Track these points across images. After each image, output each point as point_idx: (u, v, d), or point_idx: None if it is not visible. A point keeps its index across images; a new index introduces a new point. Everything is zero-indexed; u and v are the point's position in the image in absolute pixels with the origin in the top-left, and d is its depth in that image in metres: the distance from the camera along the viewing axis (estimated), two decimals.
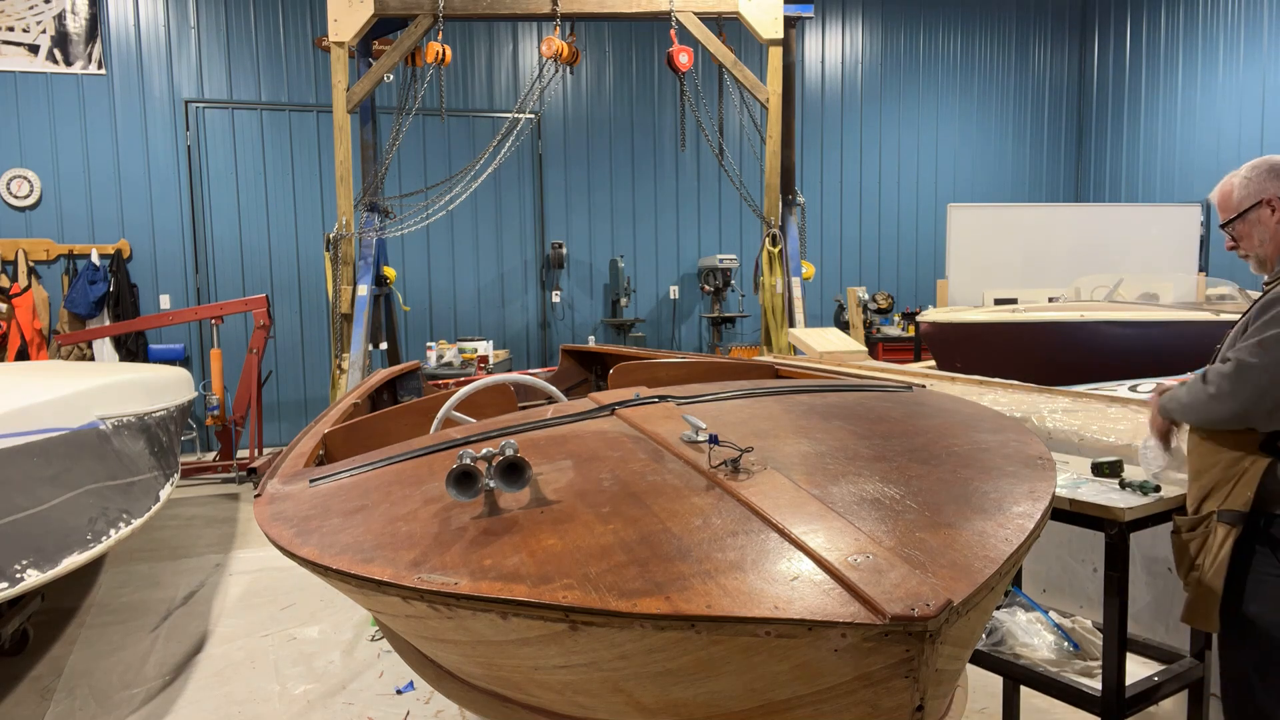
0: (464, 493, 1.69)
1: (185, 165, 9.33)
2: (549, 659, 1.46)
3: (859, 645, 1.18)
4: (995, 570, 1.33)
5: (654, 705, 1.41)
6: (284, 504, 2.14)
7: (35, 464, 3.46)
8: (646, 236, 10.91)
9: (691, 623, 1.24)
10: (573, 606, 1.31)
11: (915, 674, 1.19)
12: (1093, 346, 6.89)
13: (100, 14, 9.01)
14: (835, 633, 1.18)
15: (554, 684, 1.54)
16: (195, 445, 9.23)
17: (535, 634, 1.40)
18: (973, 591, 1.26)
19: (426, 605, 1.50)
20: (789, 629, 1.20)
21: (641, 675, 1.37)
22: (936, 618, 1.17)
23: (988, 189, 12.05)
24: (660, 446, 1.97)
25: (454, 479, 1.68)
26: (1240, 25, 10.06)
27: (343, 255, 7.18)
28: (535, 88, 7.61)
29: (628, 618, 1.28)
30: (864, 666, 1.20)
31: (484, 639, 1.53)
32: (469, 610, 1.43)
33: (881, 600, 1.20)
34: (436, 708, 3.52)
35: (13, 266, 8.83)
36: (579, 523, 1.60)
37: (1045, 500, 1.66)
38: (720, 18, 7.67)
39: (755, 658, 1.25)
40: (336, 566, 1.64)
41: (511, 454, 1.72)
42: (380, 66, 7.24)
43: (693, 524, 1.52)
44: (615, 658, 1.35)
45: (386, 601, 1.63)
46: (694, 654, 1.28)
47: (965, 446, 2.03)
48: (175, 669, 3.96)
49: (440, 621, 1.55)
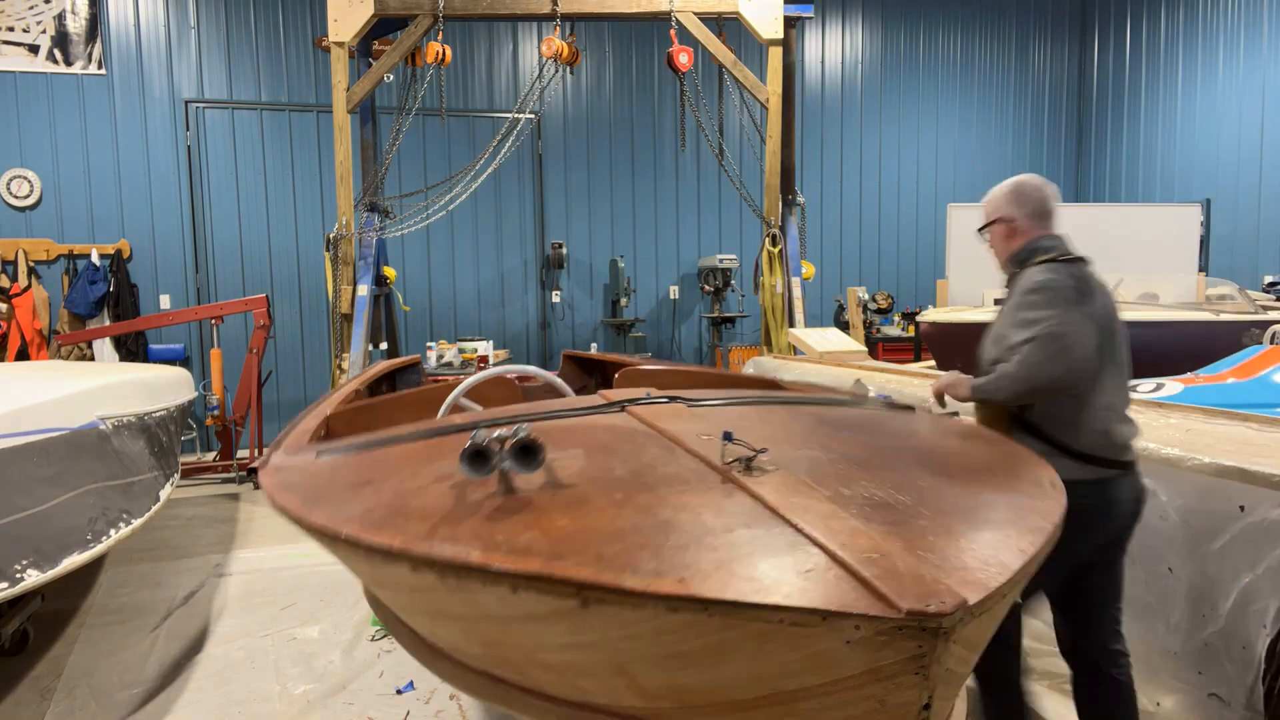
0: (477, 471, 1.66)
1: (185, 165, 9.33)
2: (554, 637, 1.44)
3: (872, 638, 1.18)
4: (1009, 578, 1.33)
5: (656, 690, 1.40)
6: (291, 474, 2.10)
7: (35, 464, 3.46)
8: (646, 236, 10.91)
9: (705, 606, 1.23)
10: (586, 582, 1.29)
11: (926, 671, 1.19)
12: None
13: (100, 14, 9.01)
14: (849, 624, 1.18)
15: (555, 664, 1.52)
16: (195, 445, 9.23)
17: (544, 609, 1.38)
18: (986, 595, 1.25)
19: (436, 576, 1.47)
20: (803, 618, 1.19)
21: (648, 658, 1.35)
22: (951, 615, 1.17)
23: (988, 189, 11.96)
24: (672, 442, 1.95)
25: (468, 457, 1.65)
26: (1240, 25, 10.06)
27: (343, 255, 7.18)
28: (535, 88, 7.61)
29: (641, 597, 1.26)
30: (875, 660, 1.19)
31: (489, 614, 1.50)
32: (480, 582, 1.41)
33: (896, 595, 1.19)
34: (436, 708, 3.52)
35: (13, 266, 8.83)
36: (592, 506, 1.58)
37: (1056, 519, 1.65)
38: (720, 18, 7.67)
39: (767, 645, 1.23)
40: (347, 532, 1.61)
41: (525, 436, 1.70)
42: (380, 66, 7.24)
43: (706, 515, 1.51)
44: (623, 638, 1.34)
45: (393, 572, 1.60)
46: (705, 638, 1.26)
47: (977, 464, 2.03)
48: (175, 669, 3.96)
49: (446, 595, 1.52)
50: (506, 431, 1.76)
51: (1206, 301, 8.08)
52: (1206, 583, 2.83)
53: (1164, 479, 2.95)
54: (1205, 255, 10.31)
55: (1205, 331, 6.96)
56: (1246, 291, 7.90)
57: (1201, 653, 2.84)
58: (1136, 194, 11.41)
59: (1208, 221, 10.23)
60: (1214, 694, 2.79)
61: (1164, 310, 7.39)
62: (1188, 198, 10.56)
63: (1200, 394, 4.43)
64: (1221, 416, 3.39)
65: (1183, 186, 10.77)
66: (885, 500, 1.62)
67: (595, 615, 1.32)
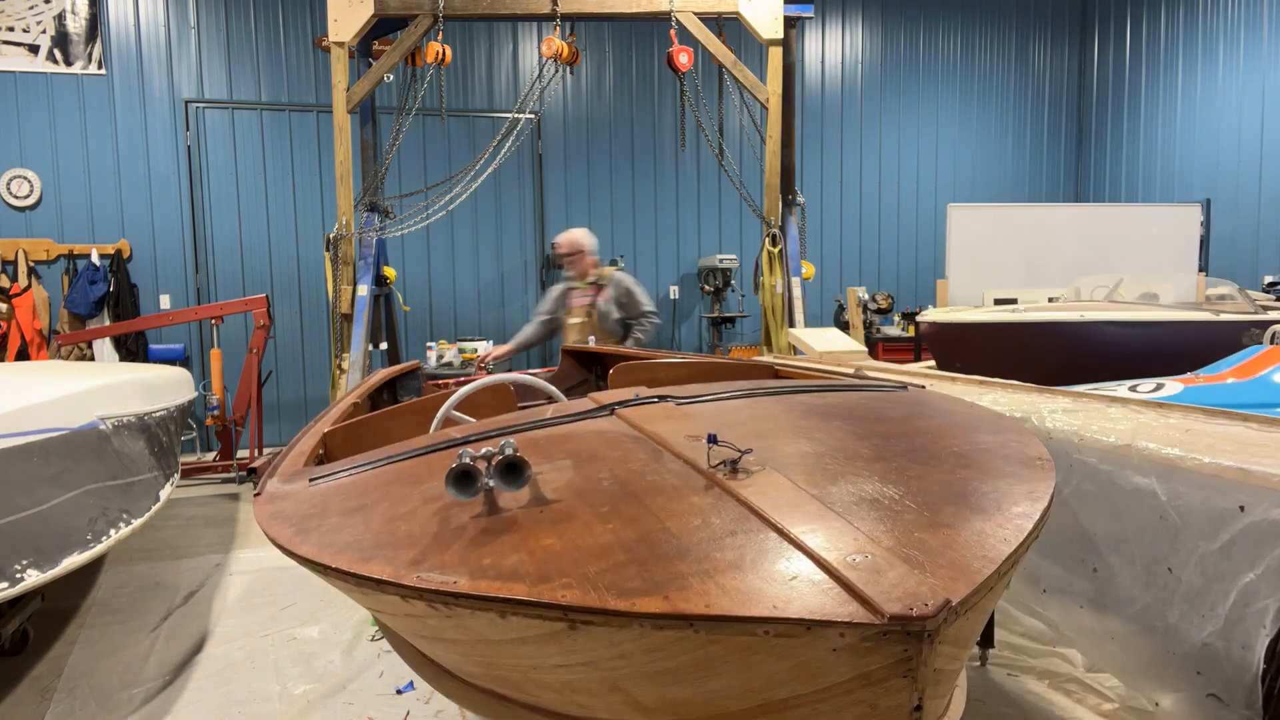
0: (463, 492, 1.68)
1: (185, 165, 9.33)
2: (548, 658, 1.46)
3: (857, 645, 1.18)
4: (994, 570, 1.33)
5: (652, 704, 1.41)
6: (284, 503, 2.13)
7: (35, 464, 3.46)
8: (646, 236, 10.91)
9: (690, 622, 1.24)
10: (571, 606, 1.31)
11: (914, 673, 1.19)
12: (1093, 346, 6.88)
13: (100, 14, 9.01)
14: (834, 632, 1.18)
15: (553, 683, 1.54)
16: (195, 445, 9.23)
17: (534, 633, 1.40)
18: (970, 592, 1.26)
19: (425, 604, 1.50)
20: (787, 628, 1.20)
21: (640, 675, 1.37)
22: (934, 617, 1.17)
23: (988, 189, 12.05)
24: (659, 446, 1.96)
25: (453, 478, 1.67)
26: (1240, 25, 10.06)
27: (343, 255, 7.17)
28: (535, 88, 7.60)
29: (626, 617, 1.28)
30: (862, 666, 1.20)
31: (483, 638, 1.53)
32: (468, 609, 1.43)
33: (880, 600, 1.20)
34: (436, 708, 3.52)
35: (13, 266, 8.83)
36: (578, 522, 1.60)
37: (1044, 501, 1.66)
38: (720, 18, 7.66)
39: (753, 657, 1.25)
40: (336, 565, 1.64)
41: (511, 453, 1.72)
42: (380, 66, 7.23)
43: (691, 523, 1.52)
44: (614, 657, 1.35)
45: (386, 600, 1.63)
46: (692, 653, 1.28)
47: (964, 447, 2.02)
48: (175, 669, 3.96)
49: (439, 620, 1.55)
50: (493, 448, 1.77)
51: (1206, 301, 8.08)
52: (1206, 583, 2.82)
53: (1164, 479, 2.95)
54: (1205, 255, 10.31)
55: (1205, 331, 6.96)
56: (1246, 291, 7.89)
57: (1201, 653, 2.84)
58: (1136, 194, 11.41)
59: (1207, 221, 10.23)
60: (1213, 694, 2.79)
61: (1164, 310, 7.38)
62: (1188, 198, 10.56)
63: (1200, 394, 4.43)
64: (1221, 416, 3.39)
65: (1183, 186, 10.77)
66: (871, 495, 1.62)
67: (584, 636, 1.34)
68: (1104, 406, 3.88)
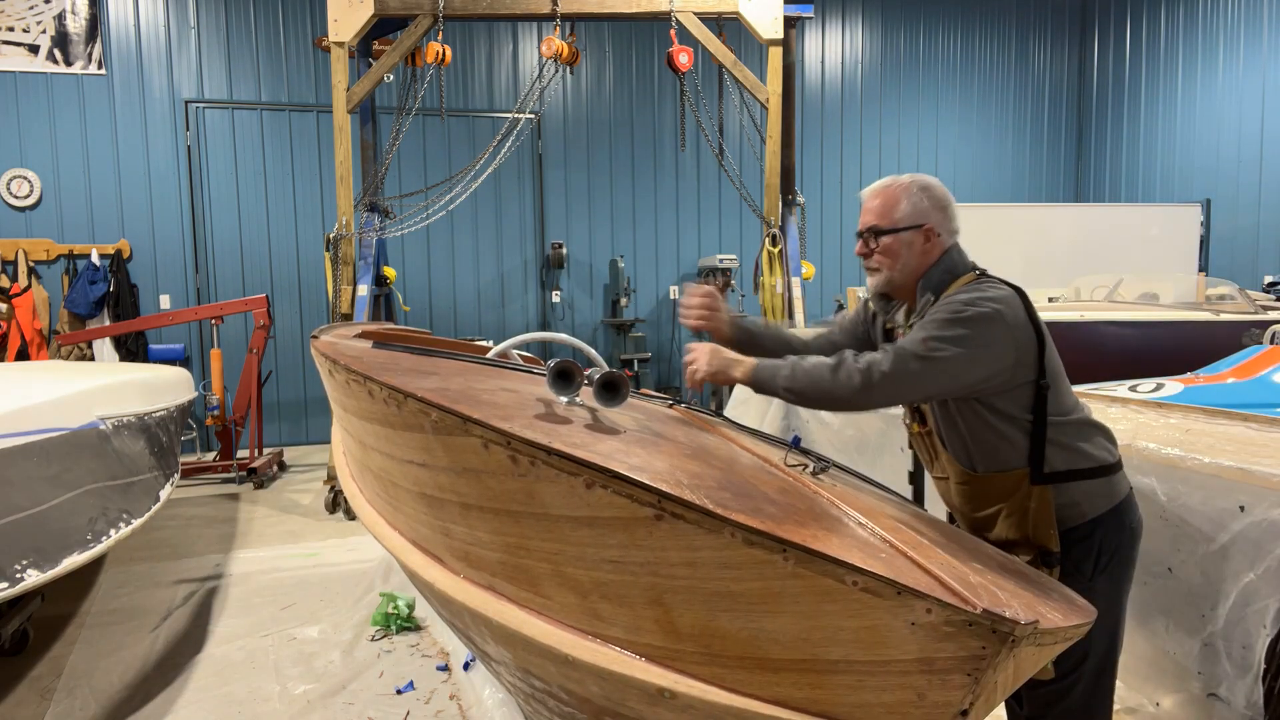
0: (562, 389, 1.63)
1: (185, 165, 9.33)
2: (603, 549, 1.36)
3: (938, 626, 1.14)
4: (1067, 629, 1.32)
5: (688, 629, 1.32)
6: (351, 351, 2.04)
7: (35, 464, 3.46)
8: (646, 236, 10.91)
9: (784, 547, 1.19)
10: (668, 494, 1.26)
11: (979, 674, 1.15)
12: (1093, 346, 6.87)
13: (100, 14, 9.01)
14: (922, 605, 1.14)
15: (585, 582, 1.42)
16: (195, 445, 9.23)
17: (610, 514, 1.32)
18: (1056, 627, 1.24)
19: (507, 456, 1.41)
20: (878, 586, 1.16)
21: (698, 592, 1.29)
22: (1024, 625, 1.14)
23: (988, 189, 12.05)
24: (726, 440, 1.92)
25: (555, 373, 1.62)
26: (1240, 25, 10.06)
27: (343, 255, 7.17)
28: (535, 88, 7.60)
29: (720, 520, 1.23)
30: (932, 650, 1.15)
31: (540, 510, 1.43)
32: (555, 470, 1.36)
33: (972, 596, 1.16)
34: (436, 708, 3.52)
35: (13, 266, 8.83)
36: (667, 453, 1.55)
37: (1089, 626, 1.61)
38: (720, 18, 7.66)
39: (828, 605, 1.19)
40: (424, 395, 1.55)
41: (613, 370, 1.68)
42: (380, 66, 7.23)
43: (776, 491, 1.48)
44: (683, 564, 1.28)
45: (456, 444, 1.50)
46: (768, 581, 1.22)
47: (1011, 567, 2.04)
48: (175, 669, 3.96)
49: (502, 480, 1.45)
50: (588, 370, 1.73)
51: (1206, 301, 8.07)
52: (1206, 583, 2.82)
53: (1164, 479, 2.95)
54: (1205, 255, 10.31)
55: (1205, 331, 6.95)
56: (1246, 291, 7.89)
57: (1201, 653, 2.84)
58: (1136, 194, 11.40)
59: (1208, 221, 10.23)
60: (1214, 694, 2.79)
61: (1164, 310, 7.37)
62: (1188, 198, 10.55)
63: (1200, 394, 4.42)
64: (1221, 416, 3.39)
65: (1183, 186, 10.76)
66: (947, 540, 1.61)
67: (663, 531, 1.28)
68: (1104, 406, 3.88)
